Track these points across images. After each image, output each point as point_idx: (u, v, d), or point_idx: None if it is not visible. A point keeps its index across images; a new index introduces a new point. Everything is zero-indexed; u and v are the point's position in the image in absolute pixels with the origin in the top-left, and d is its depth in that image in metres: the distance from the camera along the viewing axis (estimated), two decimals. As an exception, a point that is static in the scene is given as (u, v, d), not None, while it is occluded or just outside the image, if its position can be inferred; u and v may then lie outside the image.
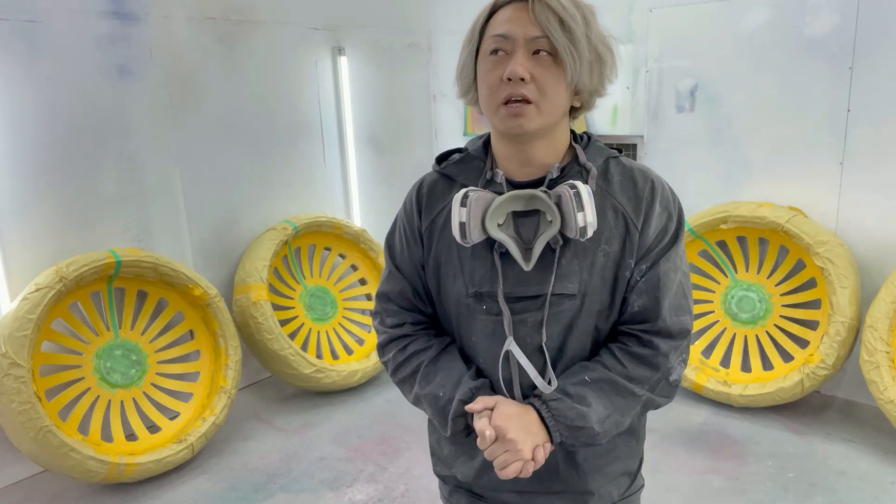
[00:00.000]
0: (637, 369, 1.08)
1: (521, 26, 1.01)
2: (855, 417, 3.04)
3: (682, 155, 3.44)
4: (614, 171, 1.11)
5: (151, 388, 2.92)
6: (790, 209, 3.07)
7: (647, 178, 1.11)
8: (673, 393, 1.12)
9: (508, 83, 1.01)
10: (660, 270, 1.09)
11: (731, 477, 2.62)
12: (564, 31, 1.00)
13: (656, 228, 1.09)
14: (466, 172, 1.15)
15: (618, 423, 1.08)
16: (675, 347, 1.10)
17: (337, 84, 3.80)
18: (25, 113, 2.67)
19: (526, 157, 1.09)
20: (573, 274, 1.07)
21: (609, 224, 1.08)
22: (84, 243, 2.87)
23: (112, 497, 2.67)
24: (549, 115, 1.04)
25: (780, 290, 3.14)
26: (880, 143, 2.89)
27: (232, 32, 3.30)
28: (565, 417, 1.05)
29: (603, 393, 1.07)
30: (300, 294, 3.57)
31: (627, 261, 1.08)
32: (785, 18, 3.02)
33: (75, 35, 2.76)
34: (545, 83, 1.02)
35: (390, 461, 2.84)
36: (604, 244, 1.07)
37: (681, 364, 1.12)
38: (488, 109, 1.07)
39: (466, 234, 1.05)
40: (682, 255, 1.13)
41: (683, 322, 1.11)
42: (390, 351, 1.22)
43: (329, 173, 3.86)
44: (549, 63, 1.02)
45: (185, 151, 3.20)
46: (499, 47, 1.03)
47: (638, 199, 1.09)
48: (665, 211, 1.10)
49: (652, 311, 1.09)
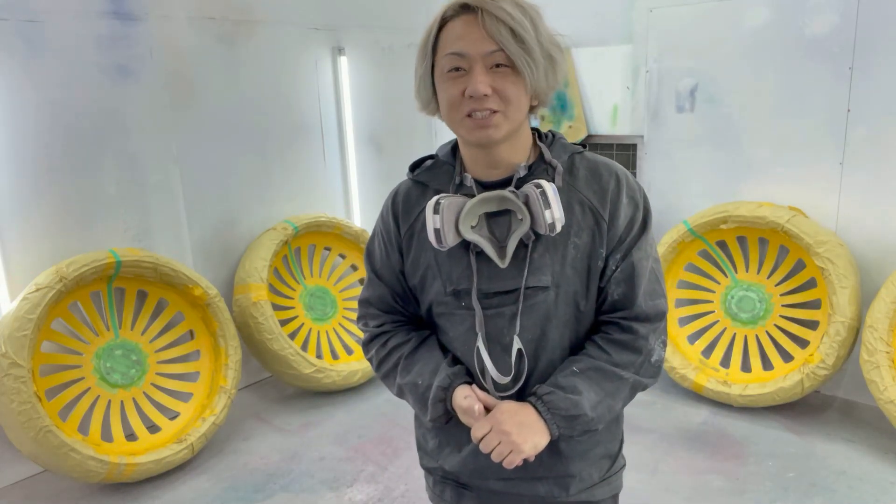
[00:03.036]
0: (621, 355, 1.14)
1: (475, 43, 1.03)
2: (855, 417, 3.04)
3: (682, 155, 3.44)
4: (579, 166, 1.16)
5: (151, 388, 2.92)
6: (790, 209, 3.07)
7: (612, 170, 1.15)
8: (657, 373, 1.18)
9: (471, 99, 1.04)
10: (633, 259, 1.14)
11: (731, 477, 2.62)
12: (517, 42, 1.02)
13: (625, 219, 1.13)
14: (438, 178, 1.20)
15: (610, 408, 1.14)
16: (654, 330, 1.16)
17: (337, 84, 3.80)
18: (25, 113, 2.67)
19: (492, 159, 1.13)
20: (545, 267, 1.12)
21: (577, 217, 1.12)
22: (84, 243, 2.87)
23: (112, 497, 2.67)
24: (514, 121, 1.08)
25: (780, 290, 3.14)
26: (880, 143, 2.89)
27: (232, 32, 3.30)
28: (559, 409, 1.10)
29: (592, 380, 1.12)
30: (300, 294, 3.57)
31: (598, 251, 1.13)
32: (785, 18, 3.02)
33: (75, 35, 2.76)
34: (507, 93, 1.05)
35: (390, 461, 2.84)
36: (573, 237, 1.12)
37: (660, 345, 1.18)
38: (452, 122, 1.10)
39: (442, 240, 1.10)
40: (652, 243, 1.19)
41: (658, 305, 1.17)
42: (373, 348, 1.29)
43: (329, 173, 3.86)
44: (507, 73, 1.05)
45: (185, 151, 3.20)
46: (456, 65, 1.05)
47: (603, 192, 1.13)
48: (632, 202, 1.15)
49: (629, 298, 1.14)
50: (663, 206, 3.46)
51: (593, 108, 3.70)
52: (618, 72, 3.56)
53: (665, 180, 3.48)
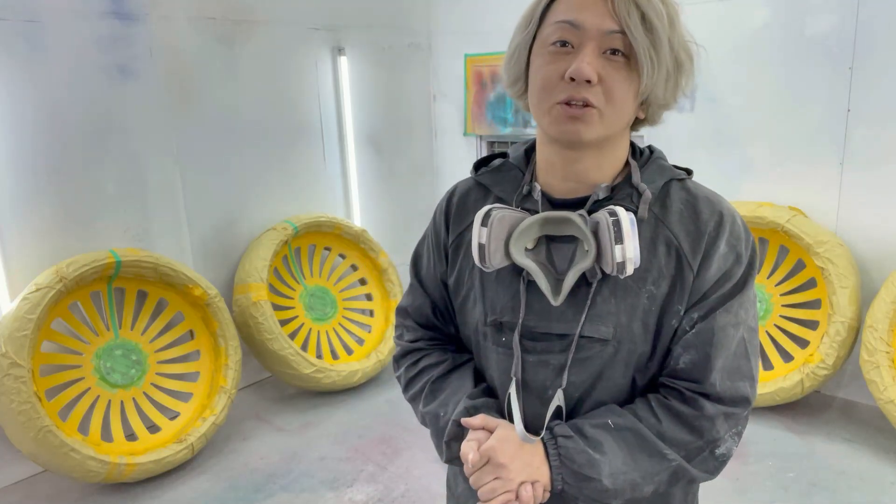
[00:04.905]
0: (673, 428, 0.91)
1: (595, 16, 0.84)
2: (855, 417, 3.04)
3: (682, 155, 3.42)
4: (675, 198, 0.93)
5: (151, 388, 2.92)
6: (790, 209, 3.07)
7: (715, 209, 0.92)
8: (717, 469, 0.94)
9: (570, 83, 0.84)
10: (715, 323, 0.90)
11: (731, 477, 2.62)
12: (646, 30, 0.84)
13: (718, 271, 0.90)
14: (503, 183, 1.00)
15: (634, 486, 0.90)
16: (728, 415, 0.91)
17: (337, 84, 3.80)
18: (25, 113, 2.67)
19: (572, 169, 0.93)
20: (609, 316, 0.91)
21: (659, 261, 0.90)
22: (84, 243, 2.87)
23: (112, 497, 2.67)
24: (612, 126, 0.88)
25: (780, 290, 3.14)
26: (880, 143, 2.89)
27: (232, 32, 3.30)
28: (572, 461, 0.89)
29: (625, 444, 0.90)
30: (300, 294, 3.57)
31: (676, 307, 0.91)
32: (785, 18, 3.02)
33: (75, 35, 2.76)
34: (614, 88, 0.85)
35: (390, 461, 2.84)
36: (650, 284, 0.90)
37: (733, 437, 0.93)
38: (539, 107, 0.89)
39: (486, 258, 0.91)
40: (749, 308, 0.93)
41: (740, 389, 0.92)
42: (403, 365, 1.12)
43: (329, 173, 3.86)
44: (621, 65, 0.86)
45: (186, 151, 3.20)
46: (564, 38, 0.86)
47: (699, 234, 0.90)
48: (732, 252, 0.91)
49: (700, 370, 0.91)
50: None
51: (593, 108, 3.70)
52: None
53: (665, 180, 3.48)
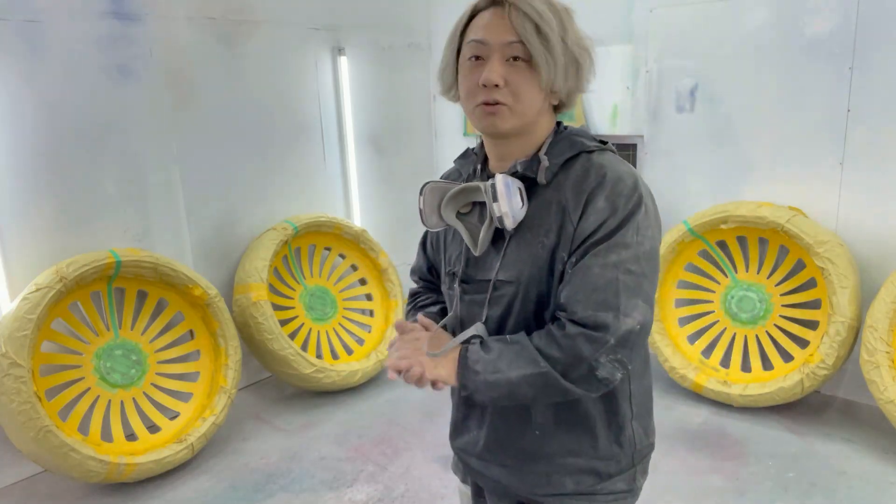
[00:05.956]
0: (548, 347, 1.08)
1: (497, 32, 1.07)
2: (855, 417, 3.04)
3: (682, 155, 3.44)
4: (577, 166, 1.12)
5: (151, 388, 2.92)
6: (790, 209, 3.07)
7: (602, 172, 1.09)
8: (594, 387, 1.09)
9: (484, 88, 1.08)
10: (583, 263, 1.07)
11: (731, 477, 2.62)
12: (540, 38, 1.06)
13: (594, 223, 1.07)
14: (465, 165, 1.29)
15: (510, 384, 1.09)
16: (588, 338, 1.05)
17: (337, 84, 3.80)
18: (25, 113, 2.67)
19: (502, 152, 1.18)
20: (514, 263, 1.15)
21: (550, 218, 1.12)
22: (84, 243, 2.87)
23: (112, 497, 2.67)
24: (523, 116, 1.11)
25: (780, 290, 3.14)
26: (880, 143, 2.89)
27: (232, 32, 3.30)
28: (466, 358, 1.13)
29: (511, 351, 1.10)
30: (300, 294, 3.57)
31: (561, 254, 1.10)
32: (785, 18, 3.03)
33: (75, 35, 2.76)
34: (519, 87, 1.08)
35: (390, 461, 2.84)
36: (542, 237, 1.12)
37: (612, 363, 1.06)
38: (466, 109, 1.16)
39: (424, 220, 1.21)
40: (623, 253, 1.06)
41: (601, 317, 1.04)
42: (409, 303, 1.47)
43: (329, 173, 3.86)
44: (523, 68, 1.07)
45: (185, 151, 3.20)
46: (476, 53, 1.10)
47: (580, 192, 1.09)
48: (610, 206, 1.07)
49: (568, 300, 1.07)
50: (663, 206, 3.41)
51: (593, 108, 3.70)
52: (618, 72, 3.56)
53: (665, 180, 3.48)
